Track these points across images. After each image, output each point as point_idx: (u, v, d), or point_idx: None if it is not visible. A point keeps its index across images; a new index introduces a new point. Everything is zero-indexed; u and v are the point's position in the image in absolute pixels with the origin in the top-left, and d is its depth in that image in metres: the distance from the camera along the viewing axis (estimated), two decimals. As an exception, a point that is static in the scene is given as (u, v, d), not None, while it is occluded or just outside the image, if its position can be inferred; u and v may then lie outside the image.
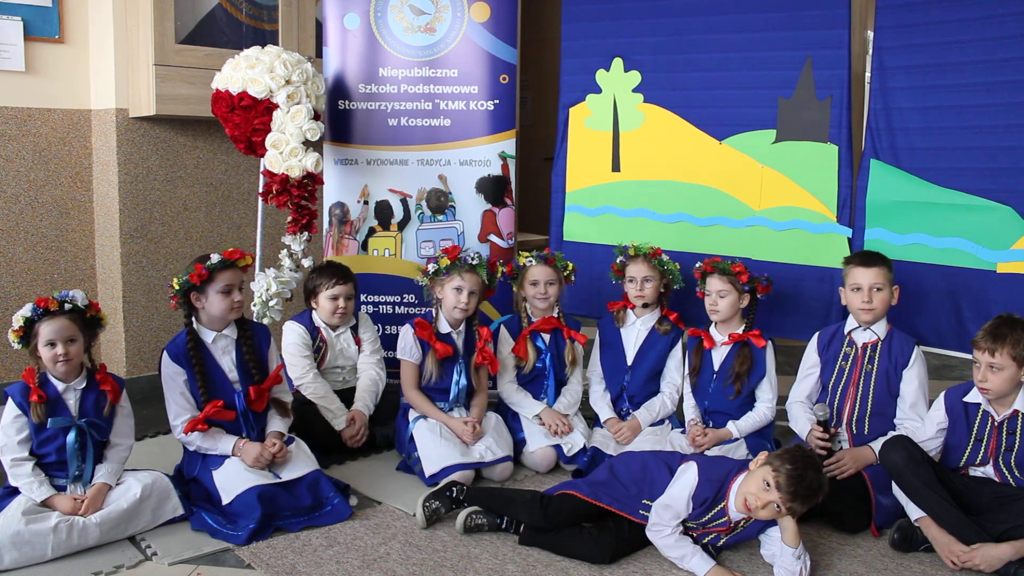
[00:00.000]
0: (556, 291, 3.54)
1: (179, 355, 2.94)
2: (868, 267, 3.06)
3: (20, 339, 2.71)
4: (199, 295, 2.95)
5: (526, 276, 3.55)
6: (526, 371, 3.53)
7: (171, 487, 2.83)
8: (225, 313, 2.96)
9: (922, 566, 2.68)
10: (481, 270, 3.40)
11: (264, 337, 3.13)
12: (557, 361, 3.56)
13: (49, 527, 2.58)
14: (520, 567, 2.62)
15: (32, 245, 4.08)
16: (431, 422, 3.32)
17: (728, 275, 3.32)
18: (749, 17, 3.68)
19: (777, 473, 2.44)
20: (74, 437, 2.71)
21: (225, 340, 3.02)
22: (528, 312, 3.59)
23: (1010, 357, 2.62)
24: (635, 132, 3.99)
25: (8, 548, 2.52)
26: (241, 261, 3.00)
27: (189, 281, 2.92)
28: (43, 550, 2.56)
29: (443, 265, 3.38)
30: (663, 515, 2.61)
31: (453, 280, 3.36)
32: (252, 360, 3.03)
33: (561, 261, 3.57)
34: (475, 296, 3.38)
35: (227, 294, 2.95)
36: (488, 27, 4.00)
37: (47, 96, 4.05)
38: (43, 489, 2.67)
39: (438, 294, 3.41)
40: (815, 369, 3.20)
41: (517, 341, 3.53)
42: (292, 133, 3.59)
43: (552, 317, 3.56)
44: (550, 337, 3.56)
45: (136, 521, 2.74)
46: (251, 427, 3.01)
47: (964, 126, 3.26)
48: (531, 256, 3.56)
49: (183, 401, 2.94)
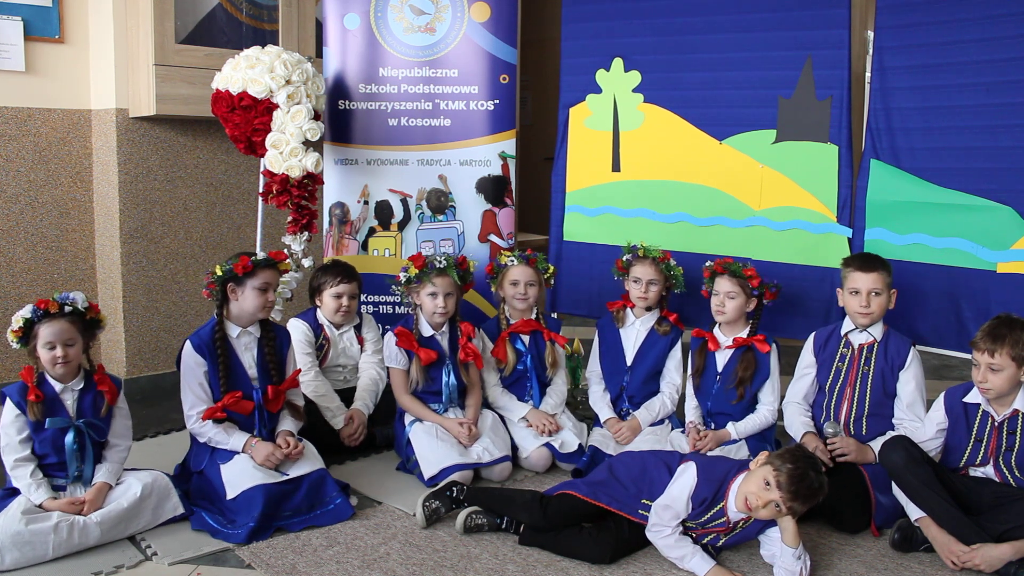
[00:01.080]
0: (536, 292, 3.54)
1: (202, 346, 2.96)
2: (867, 272, 3.06)
3: (19, 339, 2.72)
4: (236, 287, 2.98)
5: (506, 276, 3.54)
6: (506, 374, 3.53)
7: (171, 486, 2.84)
8: (257, 310, 3.01)
9: (922, 566, 2.68)
10: (451, 271, 3.39)
11: (285, 339, 3.17)
12: (538, 363, 3.56)
13: (50, 526, 2.58)
14: (520, 567, 2.62)
15: (32, 245, 4.08)
16: (427, 424, 3.32)
17: (739, 277, 3.31)
18: (749, 17, 3.68)
19: (778, 472, 2.44)
20: (72, 438, 2.72)
21: (248, 337, 3.05)
22: (507, 314, 3.59)
23: (1009, 357, 2.62)
24: (635, 132, 3.99)
25: (9, 548, 2.52)
26: (283, 264, 3.08)
27: (233, 271, 2.96)
28: (44, 550, 2.56)
29: (412, 274, 3.37)
30: (663, 515, 2.61)
31: (426, 287, 3.36)
32: (272, 360, 3.06)
33: (543, 263, 3.57)
34: (452, 297, 3.38)
35: (263, 292, 2.99)
36: (488, 27, 4.00)
37: (47, 96, 4.05)
38: (41, 492, 2.67)
39: (416, 300, 3.41)
40: (811, 370, 3.20)
41: (496, 343, 3.53)
42: (292, 133, 3.59)
43: (531, 319, 3.56)
44: (530, 339, 3.56)
45: (137, 520, 2.75)
46: (264, 425, 3.03)
47: (964, 126, 3.26)
48: (512, 256, 3.55)
49: (200, 392, 2.96)
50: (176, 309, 4.28)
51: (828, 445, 3.00)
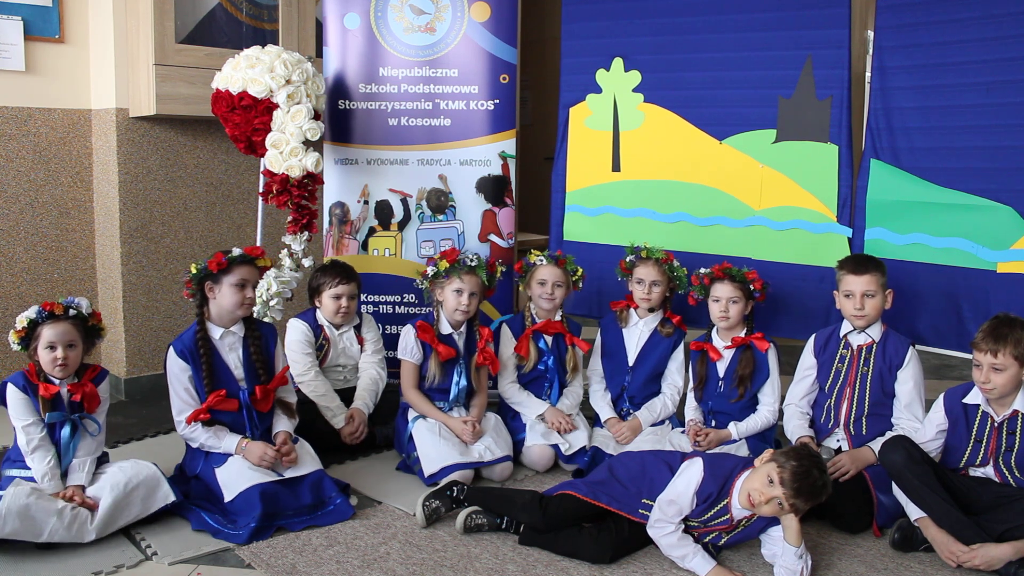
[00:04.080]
0: (563, 294, 3.53)
1: (185, 351, 2.95)
2: (859, 274, 3.06)
3: (21, 340, 2.75)
4: (213, 285, 2.96)
5: (534, 275, 3.54)
6: (526, 370, 3.53)
7: (159, 475, 2.82)
8: (235, 307, 2.97)
9: (922, 566, 2.68)
10: (480, 271, 3.40)
11: (271, 336, 3.14)
12: (559, 365, 3.56)
13: (55, 509, 2.60)
14: (520, 567, 2.62)
15: (32, 245, 4.08)
16: (430, 422, 3.32)
17: (741, 282, 3.31)
18: (749, 17, 3.68)
19: (782, 469, 2.45)
20: (69, 431, 2.75)
21: (232, 337, 3.03)
22: (532, 312, 3.59)
23: (1012, 357, 2.62)
24: (635, 132, 3.99)
25: (12, 518, 2.54)
26: (260, 260, 3.04)
27: (207, 268, 2.95)
28: (40, 529, 2.58)
29: (442, 268, 3.37)
30: (667, 511, 2.61)
31: (453, 282, 3.36)
32: (259, 359, 3.04)
33: (572, 265, 3.56)
34: (475, 297, 3.38)
35: (241, 288, 2.96)
36: (488, 27, 4.00)
37: (47, 96, 4.05)
38: (54, 484, 2.70)
39: (438, 296, 3.41)
40: (811, 371, 3.20)
41: (519, 340, 3.53)
42: (292, 133, 3.59)
43: (555, 320, 3.56)
44: (552, 340, 3.56)
45: (127, 511, 2.74)
46: (255, 426, 3.01)
47: (964, 126, 3.26)
48: (542, 256, 3.55)
49: (187, 397, 2.95)
50: (176, 309, 4.28)
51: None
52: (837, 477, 2.92)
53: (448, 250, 3.45)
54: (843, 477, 2.93)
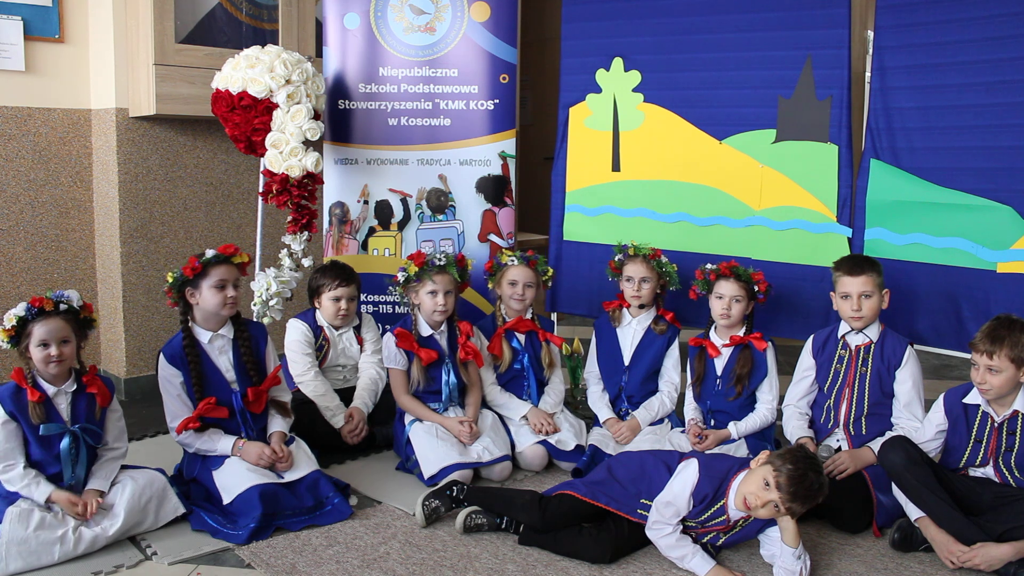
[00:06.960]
0: (533, 294, 3.54)
1: (175, 357, 2.93)
2: (855, 276, 3.06)
3: (10, 339, 2.63)
4: (193, 290, 2.94)
5: (505, 275, 3.54)
6: (502, 370, 3.53)
7: (168, 486, 2.80)
8: (218, 308, 2.94)
9: (922, 566, 2.68)
10: (451, 268, 3.39)
11: (261, 336, 3.11)
12: (535, 363, 3.56)
13: (57, 536, 2.55)
14: (520, 567, 2.62)
15: (32, 245, 4.08)
16: (427, 424, 3.31)
17: (747, 281, 3.31)
18: (749, 17, 3.68)
19: (778, 473, 2.44)
20: (68, 443, 2.66)
21: (221, 340, 3.01)
22: (503, 312, 3.59)
23: (1008, 359, 2.62)
24: (635, 132, 3.99)
25: (14, 556, 2.49)
26: (236, 257, 3.00)
27: (183, 275, 2.92)
28: (49, 558, 2.54)
29: (412, 272, 3.37)
30: (664, 512, 2.61)
31: (426, 285, 3.35)
32: (249, 360, 3.02)
33: (542, 265, 3.57)
34: (451, 295, 3.38)
35: (220, 289, 2.92)
36: (488, 27, 4.00)
37: (47, 96, 4.05)
38: (43, 488, 2.61)
39: (414, 300, 3.41)
40: (810, 372, 3.20)
41: (492, 339, 3.53)
42: (292, 133, 3.59)
43: (526, 319, 3.56)
44: (525, 338, 3.56)
45: (140, 525, 2.72)
46: (249, 427, 3.00)
47: (964, 126, 3.26)
48: (513, 256, 3.55)
49: (180, 404, 2.93)
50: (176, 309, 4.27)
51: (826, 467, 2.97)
52: (835, 475, 2.92)
53: (415, 253, 3.43)
54: (841, 475, 2.93)
